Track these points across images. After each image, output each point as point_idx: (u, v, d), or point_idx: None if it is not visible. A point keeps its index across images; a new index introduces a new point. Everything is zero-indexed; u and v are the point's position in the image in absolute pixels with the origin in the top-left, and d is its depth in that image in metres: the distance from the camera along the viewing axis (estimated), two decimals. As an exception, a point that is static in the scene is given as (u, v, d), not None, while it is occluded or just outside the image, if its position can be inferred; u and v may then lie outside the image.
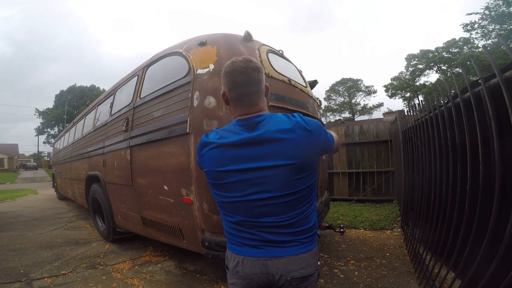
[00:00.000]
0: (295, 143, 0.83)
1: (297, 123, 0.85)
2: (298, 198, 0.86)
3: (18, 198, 8.90)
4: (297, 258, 0.85)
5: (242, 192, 0.86)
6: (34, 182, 20.77)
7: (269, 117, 0.87)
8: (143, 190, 2.48)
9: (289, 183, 0.84)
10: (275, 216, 0.85)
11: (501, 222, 1.31)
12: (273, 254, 0.85)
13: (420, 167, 2.63)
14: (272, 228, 0.85)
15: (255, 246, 0.87)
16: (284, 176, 0.83)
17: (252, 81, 0.87)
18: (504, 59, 12.58)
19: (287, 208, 0.85)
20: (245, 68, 0.86)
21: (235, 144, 0.86)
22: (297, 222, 0.86)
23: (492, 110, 1.38)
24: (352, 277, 2.33)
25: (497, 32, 21.05)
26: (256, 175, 0.84)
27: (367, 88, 40.15)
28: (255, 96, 0.89)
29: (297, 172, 0.83)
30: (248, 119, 0.88)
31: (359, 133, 5.81)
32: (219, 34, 2.21)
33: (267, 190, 0.84)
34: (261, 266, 0.85)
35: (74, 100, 40.22)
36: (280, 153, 0.82)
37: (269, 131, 0.84)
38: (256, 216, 0.86)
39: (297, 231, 0.86)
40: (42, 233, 4.03)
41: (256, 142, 0.84)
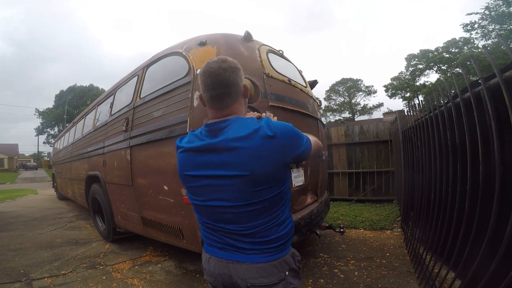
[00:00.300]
0: (251, 153, 0.78)
1: (256, 129, 0.79)
2: (259, 209, 0.82)
3: (18, 198, 8.90)
4: (258, 266, 0.84)
5: (204, 197, 0.86)
6: (34, 182, 20.77)
7: (234, 122, 0.83)
8: (143, 190, 2.48)
9: (244, 195, 0.80)
10: (234, 224, 0.84)
11: (501, 222, 1.31)
12: (235, 259, 0.85)
13: (420, 167, 2.63)
14: (233, 235, 0.85)
15: (221, 248, 0.88)
16: (239, 187, 0.80)
17: (223, 82, 0.84)
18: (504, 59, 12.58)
19: (246, 219, 0.83)
20: (216, 69, 0.84)
21: (197, 150, 0.86)
22: (257, 232, 0.84)
23: (492, 110, 1.38)
24: (352, 277, 2.33)
25: (497, 32, 21.05)
26: (214, 182, 0.83)
27: (367, 88, 40.16)
28: (227, 98, 0.85)
29: (254, 184, 0.79)
30: (213, 124, 0.85)
31: (359, 133, 5.80)
32: (219, 34, 2.21)
33: (224, 199, 0.82)
34: (224, 268, 0.86)
35: (74, 100, 40.21)
36: (234, 163, 0.79)
37: (226, 139, 0.80)
38: (218, 221, 0.86)
39: (258, 241, 0.84)
40: (42, 233, 4.03)
41: (214, 150, 0.82)
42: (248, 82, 1.93)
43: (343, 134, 5.91)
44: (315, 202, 2.66)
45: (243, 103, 0.91)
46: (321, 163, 2.87)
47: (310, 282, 2.27)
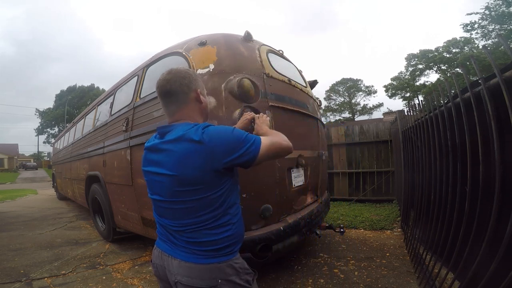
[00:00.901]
0: (177, 155, 0.84)
1: (183, 134, 0.85)
2: (184, 209, 0.87)
3: (18, 198, 8.90)
4: (187, 265, 0.86)
5: (151, 191, 0.97)
6: (34, 182, 20.77)
7: (176, 128, 0.91)
8: (143, 190, 2.48)
9: (171, 193, 0.87)
10: (168, 220, 0.91)
11: (501, 222, 1.31)
12: (170, 253, 0.91)
13: (420, 167, 2.63)
14: (170, 230, 0.92)
15: (164, 241, 0.96)
16: (167, 185, 0.88)
17: (166, 92, 0.94)
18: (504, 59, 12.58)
19: (175, 215, 0.89)
20: (161, 81, 0.95)
21: (148, 148, 0.98)
22: (186, 231, 0.88)
23: (492, 110, 1.38)
24: (352, 277, 2.33)
25: (497, 32, 21.04)
26: (154, 178, 0.93)
27: (367, 88, 40.16)
28: (172, 106, 0.95)
29: (178, 184, 0.85)
30: (161, 128, 0.95)
31: (359, 133, 5.80)
32: (219, 34, 2.21)
33: (159, 194, 0.92)
34: (161, 259, 0.94)
35: (74, 100, 40.20)
36: (164, 163, 0.88)
37: (163, 141, 0.90)
38: (159, 215, 0.95)
39: (189, 241, 0.87)
40: (42, 233, 4.03)
41: (155, 150, 0.93)
42: (248, 82, 1.93)
43: (343, 134, 5.91)
44: (315, 202, 2.66)
45: (194, 109, 0.98)
46: (321, 163, 2.87)
47: (310, 282, 2.27)
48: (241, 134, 0.88)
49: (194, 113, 0.98)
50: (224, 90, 1.88)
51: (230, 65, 1.97)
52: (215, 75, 1.92)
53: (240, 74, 1.94)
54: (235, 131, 0.87)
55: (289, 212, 2.24)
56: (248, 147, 0.86)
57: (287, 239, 2.07)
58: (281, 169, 2.13)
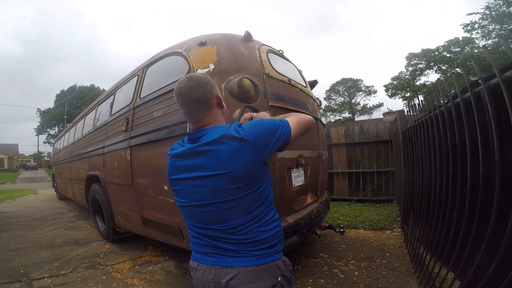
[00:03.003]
0: (224, 153, 0.85)
1: (224, 134, 0.87)
2: (236, 207, 0.86)
3: (18, 198, 8.90)
4: (248, 270, 0.84)
5: (186, 199, 0.92)
6: (34, 182, 20.77)
7: (210, 131, 0.91)
8: (143, 190, 2.48)
9: (222, 192, 0.86)
10: (218, 224, 0.87)
11: (501, 222, 1.31)
12: (223, 264, 0.86)
13: (420, 167, 2.63)
14: (219, 237, 0.88)
15: (208, 254, 0.90)
16: (214, 185, 0.86)
17: (190, 100, 0.92)
18: (505, 59, 12.57)
19: (227, 217, 0.87)
20: (183, 89, 0.92)
21: (179, 155, 0.94)
22: (241, 232, 0.86)
23: (492, 110, 1.38)
24: (352, 277, 2.33)
25: (497, 32, 21.02)
26: (191, 184, 0.90)
27: (367, 88, 40.12)
28: (198, 113, 0.93)
29: (230, 181, 0.85)
30: (192, 133, 0.94)
31: (359, 133, 5.80)
32: (219, 34, 2.21)
33: (204, 198, 0.88)
34: (213, 274, 0.87)
35: (75, 100, 40.20)
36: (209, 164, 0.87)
37: (200, 144, 0.89)
38: (202, 222, 0.90)
39: (245, 242, 0.86)
40: (42, 233, 4.03)
41: (191, 154, 0.91)
42: (248, 82, 1.93)
43: (343, 134, 5.91)
44: (315, 202, 2.66)
45: (219, 113, 0.98)
46: (321, 163, 2.87)
47: (310, 282, 2.27)
48: (271, 121, 0.94)
49: (219, 117, 0.98)
50: (224, 90, 1.88)
51: (230, 65, 1.97)
52: (215, 75, 1.92)
53: (240, 74, 1.94)
54: (264, 121, 0.94)
55: (289, 212, 2.24)
56: (281, 129, 0.92)
57: (287, 239, 2.07)
58: (281, 169, 2.13)
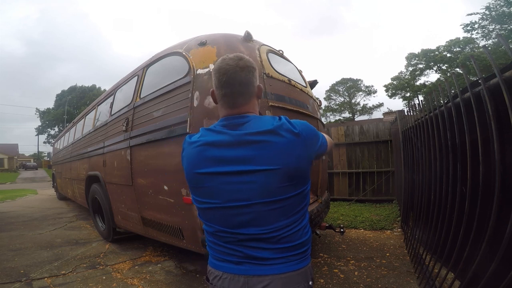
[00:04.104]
0: (279, 147, 0.75)
1: (280, 125, 0.76)
2: (283, 207, 0.76)
3: (18, 198, 8.90)
4: (283, 277, 0.76)
5: (221, 198, 0.77)
6: (34, 182, 20.78)
7: (254, 119, 0.80)
8: (143, 190, 2.48)
9: (269, 191, 0.75)
10: (255, 227, 0.76)
11: (501, 222, 1.31)
12: (256, 272, 0.76)
13: (420, 167, 2.63)
14: (254, 242, 0.76)
15: (237, 262, 0.78)
16: (264, 182, 0.74)
17: (238, 81, 0.79)
18: (505, 59, 12.57)
19: (269, 219, 0.76)
20: (233, 67, 0.79)
21: (214, 144, 0.78)
22: (282, 235, 0.76)
23: (492, 110, 1.37)
24: (352, 277, 2.33)
25: (497, 32, 21.02)
26: (235, 179, 0.75)
27: (367, 88, 40.11)
28: (241, 97, 0.81)
29: (280, 179, 0.74)
30: (230, 119, 0.81)
31: (359, 133, 5.80)
32: (219, 34, 2.21)
33: (246, 198, 0.75)
34: (241, 284, 0.76)
35: (75, 100, 40.20)
36: (260, 157, 0.74)
37: (250, 133, 0.76)
38: (235, 226, 0.77)
39: (283, 247, 0.77)
40: (42, 233, 4.03)
41: (237, 143, 0.76)
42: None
43: (343, 134, 5.91)
44: (315, 202, 2.66)
45: (256, 104, 0.86)
46: (321, 163, 2.87)
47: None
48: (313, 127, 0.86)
49: (256, 108, 0.86)
50: (224, 90, 1.87)
51: (230, 65, 1.97)
52: (215, 75, 1.92)
53: (240, 74, 1.94)
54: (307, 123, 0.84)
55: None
56: (321, 138, 0.86)
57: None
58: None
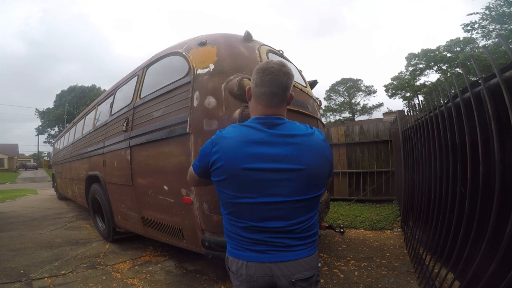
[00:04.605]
0: (313, 149, 0.85)
1: (314, 131, 0.90)
2: (308, 205, 0.87)
3: (18, 198, 8.90)
4: (302, 261, 0.86)
5: (255, 193, 0.83)
6: (34, 182, 20.77)
7: (289, 122, 0.90)
8: (143, 190, 2.48)
9: (302, 189, 0.84)
10: (283, 221, 0.84)
11: (501, 222, 1.31)
12: (279, 259, 0.85)
13: (420, 167, 2.63)
14: (279, 233, 0.85)
15: (260, 251, 0.86)
16: (297, 181, 0.83)
17: (278, 83, 0.88)
18: (505, 59, 12.56)
19: (296, 214, 0.85)
20: (277, 70, 0.88)
21: (255, 141, 0.84)
22: (303, 228, 0.87)
23: (492, 110, 1.37)
24: (352, 277, 2.33)
25: (497, 32, 21.01)
26: (272, 176, 0.82)
27: (367, 88, 40.11)
28: (277, 98, 0.89)
29: (310, 178, 0.85)
30: (267, 118, 0.88)
31: (359, 133, 5.80)
32: (219, 34, 2.21)
33: (279, 194, 0.83)
34: (265, 269, 0.85)
35: (75, 100, 40.19)
36: (296, 157, 0.83)
37: (290, 134, 0.85)
38: (263, 220, 0.84)
39: (303, 236, 0.87)
40: (42, 233, 4.03)
41: (278, 143, 0.84)
42: (248, 82, 1.93)
43: (343, 134, 5.91)
44: (315, 202, 2.66)
45: (286, 109, 0.95)
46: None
47: (310, 282, 2.27)
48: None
49: (285, 113, 0.94)
50: (224, 90, 1.88)
51: (230, 65, 1.97)
52: (215, 75, 1.92)
53: (240, 74, 1.94)
54: None
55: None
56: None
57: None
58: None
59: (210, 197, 1.88)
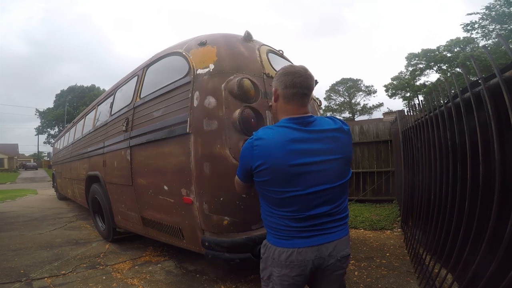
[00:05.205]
0: (344, 140, 0.99)
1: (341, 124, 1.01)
2: (343, 187, 1.00)
3: (18, 198, 8.89)
4: (343, 240, 0.99)
5: (303, 186, 0.92)
6: (34, 182, 20.77)
7: (318, 119, 1.00)
8: (143, 190, 2.48)
9: (341, 174, 0.97)
10: (328, 206, 0.95)
11: (501, 222, 1.31)
12: (325, 240, 0.95)
13: (420, 167, 2.63)
14: (324, 217, 0.95)
15: (309, 236, 0.95)
16: (337, 168, 0.96)
17: (307, 85, 0.99)
18: (505, 59, 12.56)
19: (337, 197, 0.97)
20: (304, 73, 0.99)
21: (295, 140, 0.93)
22: (341, 209, 1.00)
23: (492, 110, 1.37)
24: (352, 277, 2.33)
25: (497, 32, 21.00)
26: (318, 168, 0.93)
27: (367, 88, 40.12)
28: (307, 98, 1.00)
29: (346, 164, 1.00)
30: (300, 118, 0.97)
31: (359, 133, 5.80)
32: (219, 34, 2.21)
33: (325, 182, 0.94)
34: (315, 252, 0.94)
35: (74, 100, 40.17)
36: (334, 149, 0.96)
37: (324, 130, 0.97)
38: (311, 208, 0.94)
39: (341, 217, 1.00)
40: (42, 233, 4.03)
41: (316, 139, 0.95)
42: (248, 82, 1.93)
43: (343, 134, 5.90)
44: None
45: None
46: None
47: (310, 282, 2.27)
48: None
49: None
50: (224, 90, 1.88)
51: (230, 65, 1.97)
52: (215, 75, 1.92)
53: (240, 74, 1.94)
54: None
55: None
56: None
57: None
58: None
59: (210, 197, 1.88)
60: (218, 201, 1.86)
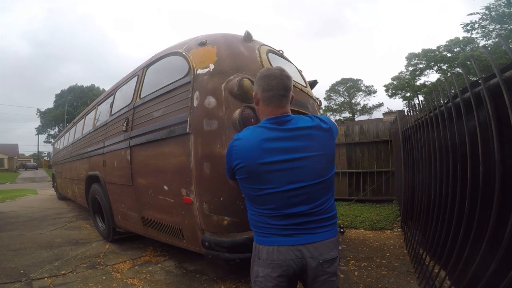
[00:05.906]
0: (321, 137, 0.98)
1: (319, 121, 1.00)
2: (325, 186, 0.98)
3: (18, 198, 8.89)
4: (328, 242, 0.96)
5: (277, 183, 0.94)
6: (34, 182, 20.77)
7: (296, 117, 1.00)
8: (143, 190, 2.48)
9: (319, 172, 0.96)
10: (307, 205, 0.94)
11: (501, 222, 1.31)
12: (306, 241, 0.94)
13: (420, 167, 2.63)
14: (304, 217, 0.94)
15: (289, 235, 0.94)
16: (315, 165, 0.95)
17: (284, 86, 1.01)
18: (506, 59, 12.55)
19: (317, 196, 0.95)
20: (279, 75, 1.01)
21: (272, 138, 0.96)
22: (324, 209, 0.97)
23: (492, 110, 1.37)
24: (352, 277, 2.33)
25: (497, 32, 21.00)
26: (293, 165, 0.93)
27: (367, 88, 40.13)
28: (285, 99, 1.02)
29: (327, 161, 0.98)
30: (278, 118, 0.99)
31: (359, 133, 5.80)
32: (219, 34, 2.21)
33: (300, 180, 0.93)
34: (296, 252, 0.93)
35: (74, 100, 40.17)
36: (310, 146, 0.95)
37: (299, 127, 0.97)
38: (290, 206, 0.94)
39: (325, 217, 0.97)
40: (42, 233, 4.03)
41: (294, 137, 0.96)
42: (248, 82, 1.93)
43: (343, 134, 5.91)
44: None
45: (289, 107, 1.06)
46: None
47: (310, 282, 2.27)
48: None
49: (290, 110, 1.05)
50: (224, 90, 1.88)
51: (230, 65, 1.97)
52: (215, 75, 1.92)
53: (240, 74, 1.94)
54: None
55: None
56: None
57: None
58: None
59: (210, 197, 1.88)
60: (218, 201, 1.86)
